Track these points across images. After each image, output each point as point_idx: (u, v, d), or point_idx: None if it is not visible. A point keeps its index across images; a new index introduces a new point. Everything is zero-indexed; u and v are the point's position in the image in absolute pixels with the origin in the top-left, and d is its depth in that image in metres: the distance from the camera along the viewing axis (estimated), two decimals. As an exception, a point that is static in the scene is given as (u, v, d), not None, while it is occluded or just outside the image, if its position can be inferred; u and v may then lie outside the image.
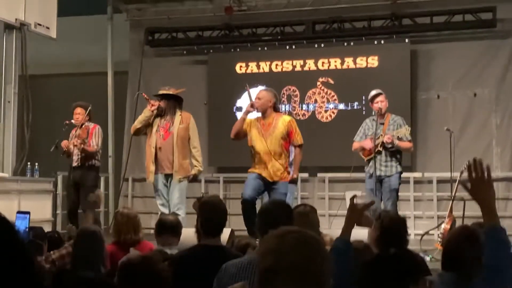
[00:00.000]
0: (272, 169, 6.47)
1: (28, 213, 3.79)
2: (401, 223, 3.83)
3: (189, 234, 4.43)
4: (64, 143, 7.91)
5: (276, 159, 6.47)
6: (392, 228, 3.69)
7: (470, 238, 2.89)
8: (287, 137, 6.57)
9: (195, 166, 7.08)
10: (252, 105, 6.61)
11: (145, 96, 7.10)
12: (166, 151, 6.85)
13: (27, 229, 3.69)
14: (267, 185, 6.53)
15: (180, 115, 6.95)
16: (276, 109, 6.72)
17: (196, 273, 3.37)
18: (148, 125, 6.96)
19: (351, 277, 2.54)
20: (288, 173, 6.60)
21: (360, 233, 4.83)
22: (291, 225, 3.75)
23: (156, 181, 6.96)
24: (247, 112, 6.66)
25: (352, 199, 2.80)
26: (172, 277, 3.59)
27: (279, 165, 6.48)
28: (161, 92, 7.04)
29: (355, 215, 2.76)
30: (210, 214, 3.80)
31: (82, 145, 7.69)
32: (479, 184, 2.41)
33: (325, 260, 1.67)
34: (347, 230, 2.73)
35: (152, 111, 6.84)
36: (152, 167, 6.89)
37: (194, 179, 7.23)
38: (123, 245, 4.61)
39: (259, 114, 6.66)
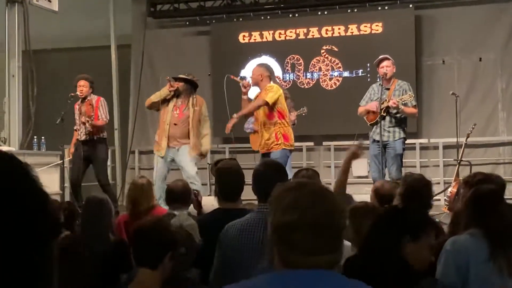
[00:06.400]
0: (263, 139, 6.76)
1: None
2: (425, 184, 4.10)
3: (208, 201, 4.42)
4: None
5: (264, 129, 6.74)
6: (414, 186, 3.96)
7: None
8: (272, 105, 6.67)
9: (205, 145, 7.67)
10: (243, 85, 6.95)
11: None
12: (180, 128, 7.45)
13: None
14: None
15: (195, 97, 7.56)
16: (273, 81, 6.97)
17: (216, 236, 3.22)
18: (162, 102, 7.51)
19: None
20: (279, 141, 6.71)
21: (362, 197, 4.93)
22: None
23: (165, 153, 7.50)
24: (244, 93, 6.99)
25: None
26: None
27: (267, 135, 6.73)
28: (182, 76, 7.67)
29: None
30: (227, 178, 3.76)
31: (90, 122, 7.68)
32: None
33: (342, 214, 1.64)
34: None
35: (170, 91, 7.45)
36: (164, 143, 7.45)
37: (203, 155, 7.82)
38: (138, 214, 4.51)
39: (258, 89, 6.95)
